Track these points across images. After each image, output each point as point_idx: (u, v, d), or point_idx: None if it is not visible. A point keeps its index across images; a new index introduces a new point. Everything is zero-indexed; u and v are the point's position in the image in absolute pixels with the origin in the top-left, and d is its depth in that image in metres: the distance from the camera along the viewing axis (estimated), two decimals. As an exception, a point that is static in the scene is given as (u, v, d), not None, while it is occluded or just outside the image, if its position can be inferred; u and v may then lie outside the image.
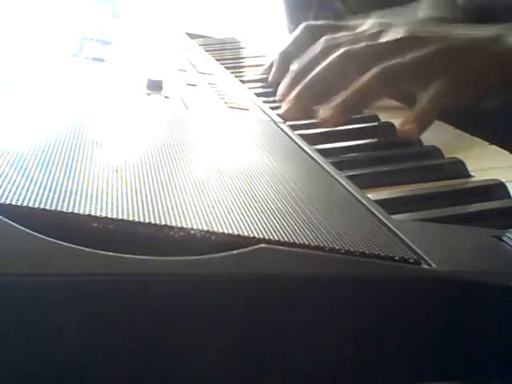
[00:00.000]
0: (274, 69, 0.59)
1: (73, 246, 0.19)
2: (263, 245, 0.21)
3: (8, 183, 0.22)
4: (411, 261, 0.22)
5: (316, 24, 0.58)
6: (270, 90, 0.57)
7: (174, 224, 0.22)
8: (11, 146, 0.26)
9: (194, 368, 0.20)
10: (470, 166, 0.36)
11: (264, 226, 0.23)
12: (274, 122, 0.43)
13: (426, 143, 0.41)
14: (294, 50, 0.56)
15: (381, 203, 0.28)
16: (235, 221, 0.23)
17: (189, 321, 0.20)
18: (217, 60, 0.69)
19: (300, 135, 0.40)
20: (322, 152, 0.36)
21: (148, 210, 0.22)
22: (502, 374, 0.23)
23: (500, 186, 0.33)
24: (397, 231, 0.25)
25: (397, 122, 0.44)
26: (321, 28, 0.56)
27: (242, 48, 0.84)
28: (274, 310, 0.20)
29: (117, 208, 0.22)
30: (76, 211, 0.21)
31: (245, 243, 0.21)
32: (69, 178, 0.24)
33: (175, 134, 0.34)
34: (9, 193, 0.21)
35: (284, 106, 0.47)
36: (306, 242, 0.22)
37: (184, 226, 0.22)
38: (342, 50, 0.46)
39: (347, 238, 0.23)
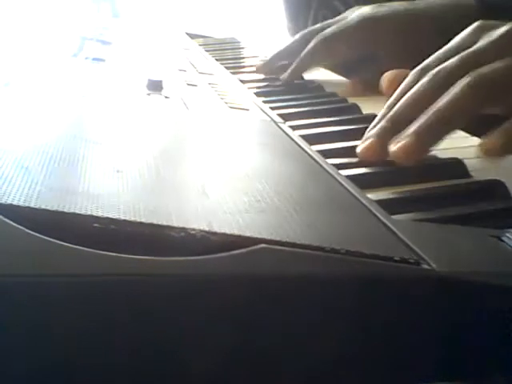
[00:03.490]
0: (262, 64, 0.63)
1: (73, 246, 0.19)
2: (263, 245, 0.21)
3: (8, 183, 0.22)
4: (411, 261, 0.22)
5: (309, 30, 0.61)
6: (269, 90, 0.57)
7: (174, 224, 0.22)
8: (12, 146, 0.26)
9: (193, 368, 0.20)
10: (470, 166, 0.36)
11: (264, 226, 0.23)
12: (274, 122, 0.43)
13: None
14: (288, 54, 0.61)
15: (381, 203, 0.28)
16: (235, 221, 0.23)
17: (189, 321, 0.20)
18: (217, 60, 0.69)
19: (300, 135, 0.40)
20: (322, 152, 0.36)
21: (149, 211, 0.22)
22: (502, 373, 0.23)
23: (500, 186, 0.33)
24: (397, 231, 0.25)
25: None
26: (313, 32, 0.59)
27: (242, 48, 0.84)
28: (274, 310, 0.20)
29: (118, 208, 0.22)
30: (77, 211, 0.21)
31: (245, 243, 0.21)
32: (69, 179, 0.24)
33: (175, 134, 0.34)
34: (9, 193, 0.21)
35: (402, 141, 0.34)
36: (306, 243, 0.22)
37: (184, 226, 0.22)
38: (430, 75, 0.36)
39: (347, 239, 0.23)
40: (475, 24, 0.39)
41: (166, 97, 0.45)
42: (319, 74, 0.63)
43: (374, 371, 0.22)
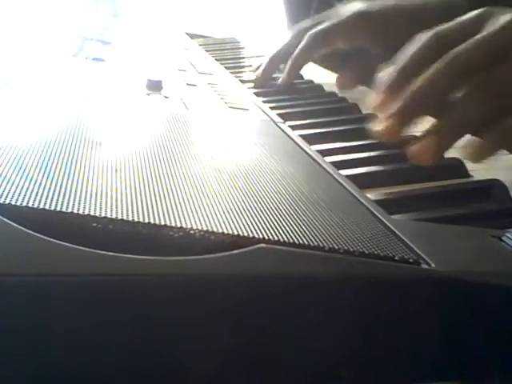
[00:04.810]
0: (260, 70, 0.61)
1: (72, 245, 0.19)
2: (262, 245, 0.21)
3: (8, 183, 0.22)
4: (411, 261, 0.22)
5: (303, 28, 0.60)
6: (269, 89, 0.57)
7: (173, 224, 0.22)
8: (11, 146, 0.26)
9: (194, 368, 0.20)
10: (470, 166, 0.36)
11: (263, 225, 0.23)
12: (274, 121, 0.43)
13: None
14: (285, 54, 0.59)
15: (381, 203, 0.28)
16: (234, 221, 0.23)
17: (188, 320, 0.20)
18: (217, 60, 0.69)
19: (300, 135, 0.40)
20: (322, 152, 0.36)
21: (147, 210, 0.22)
22: (501, 373, 0.23)
23: (500, 186, 0.33)
24: (397, 231, 0.25)
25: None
26: (307, 29, 0.58)
27: (242, 48, 0.84)
28: (274, 310, 0.20)
29: (116, 208, 0.22)
30: (76, 211, 0.21)
31: (244, 243, 0.21)
32: (68, 178, 0.24)
33: (175, 134, 0.34)
34: (9, 193, 0.21)
35: (384, 123, 0.34)
36: (306, 242, 0.22)
37: (183, 225, 0.22)
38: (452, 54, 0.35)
39: (347, 238, 0.23)
40: (479, 10, 0.38)
41: (166, 97, 0.45)
42: (319, 74, 0.63)
43: (374, 370, 0.22)
